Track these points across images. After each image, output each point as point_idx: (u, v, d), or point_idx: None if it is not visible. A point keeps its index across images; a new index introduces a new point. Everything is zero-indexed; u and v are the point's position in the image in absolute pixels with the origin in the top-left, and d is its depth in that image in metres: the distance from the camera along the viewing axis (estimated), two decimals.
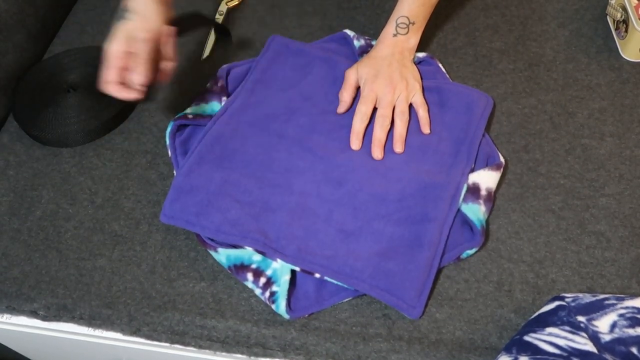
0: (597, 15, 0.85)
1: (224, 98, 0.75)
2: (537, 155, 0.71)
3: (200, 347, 0.59)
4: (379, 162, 0.68)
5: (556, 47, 0.82)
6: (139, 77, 0.59)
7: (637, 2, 0.77)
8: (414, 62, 0.78)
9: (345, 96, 0.73)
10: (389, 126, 0.70)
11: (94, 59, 0.80)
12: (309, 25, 0.87)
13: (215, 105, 0.74)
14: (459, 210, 0.64)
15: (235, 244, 0.62)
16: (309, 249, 0.61)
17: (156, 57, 0.62)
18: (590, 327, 0.50)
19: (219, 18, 0.87)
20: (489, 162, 0.69)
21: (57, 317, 0.62)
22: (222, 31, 0.81)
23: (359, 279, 0.59)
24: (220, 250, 0.62)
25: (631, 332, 0.49)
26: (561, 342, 0.50)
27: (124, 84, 0.61)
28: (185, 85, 0.80)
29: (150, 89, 0.62)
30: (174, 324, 0.60)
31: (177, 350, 0.60)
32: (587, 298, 0.53)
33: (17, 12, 0.80)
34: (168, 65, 0.65)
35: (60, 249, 0.66)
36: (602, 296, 0.53)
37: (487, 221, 0.65)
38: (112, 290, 0.62)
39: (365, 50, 0.79)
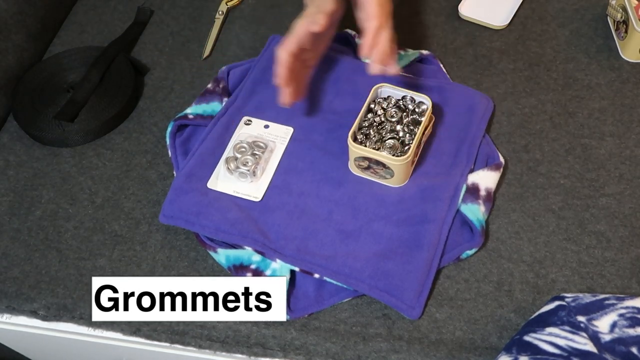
0: (597, 15, 0.85)
1: (225, 99, 0.75)
2: (537, 155, 0.71)
3: (200, 347, 0.59)
4: None
5: (556, 47, 0.82)
6: (314, 25, 0.61)
7: (637, 2, 0.77)
8: (416, 60, 0.77)
9: None
10: None
11: (94, 59, 0.80)
12: None
13: (216, 106, 0.74)
14: (458, 210, 0.64)
15: (234, 244, 0.62)
16: (308, 250, 0.61)
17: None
18: (591, 327, 0.50)
19: (219, 18, 0.87)
20: (488, 162, 0.69)
21: (57, 317, 0.62)
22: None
23: (358, 280, 0.59)
24: (220, 250, 0.62)
25: (631, 332, 0.49)
26: (561, 342, 0.50)
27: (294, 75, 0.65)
28: (185, 85, 0.80)
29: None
30: (174, 324, 0.60)
31: (177, 350, 0.60)
32: (587, 298, 0.53)
33: (17, 12, 0.80)
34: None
35: (60, 249, 0.66)
36: (602, 296, 0.53)
37: (487, 221, 0.65)
38: None
39: None
